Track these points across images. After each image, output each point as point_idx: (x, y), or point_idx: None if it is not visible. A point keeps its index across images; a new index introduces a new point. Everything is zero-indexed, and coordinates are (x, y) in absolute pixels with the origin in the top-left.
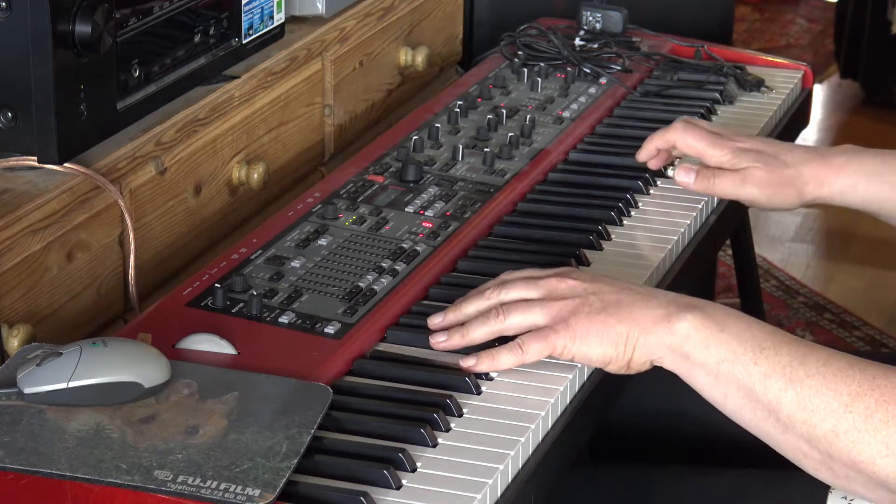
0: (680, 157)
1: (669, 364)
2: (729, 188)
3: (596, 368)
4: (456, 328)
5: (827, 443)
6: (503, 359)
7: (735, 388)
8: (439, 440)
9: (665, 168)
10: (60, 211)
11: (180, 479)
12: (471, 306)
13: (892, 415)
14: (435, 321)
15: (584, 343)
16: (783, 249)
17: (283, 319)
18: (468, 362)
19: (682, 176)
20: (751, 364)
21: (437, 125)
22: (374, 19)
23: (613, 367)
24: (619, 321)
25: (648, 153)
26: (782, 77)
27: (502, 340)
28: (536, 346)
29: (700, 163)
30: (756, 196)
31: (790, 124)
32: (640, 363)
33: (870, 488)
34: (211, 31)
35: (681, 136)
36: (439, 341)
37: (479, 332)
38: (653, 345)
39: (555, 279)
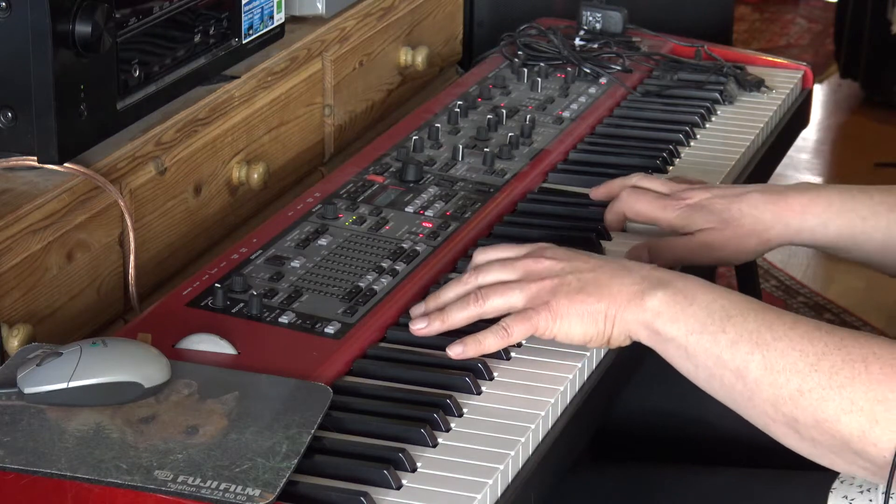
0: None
1: (644, 339)
2: (686, 256)
3: (596, 367)
4: (436, 314)
5: (793, 403)
6: (488, 342)
7: (704, 358)
8: (439, 440)
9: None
10: (60, 211)
11: (180, 479)
12: (450, 292)
13: (857, 371)
14: (417, 311)
15: (565, 322)
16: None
17: (283, 319)
18: (455, 350)
19: (636, 256)
20: (719, 332)
21: (437, 125)
22: (374, 19)
23: (594, 344)
24: (597, 299)
25: (610, 226)
26: (782, 77)
27: (484, 325)
28: (520, 328)
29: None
30: (717, 257)
31: (790, 124)
32: (618, 339)
33: (834, 450)
34: (211, 31)
35: (628, 206)
36: (419, 328)
37: (459, 316)
38: (629, 321)
39: (530, 260)
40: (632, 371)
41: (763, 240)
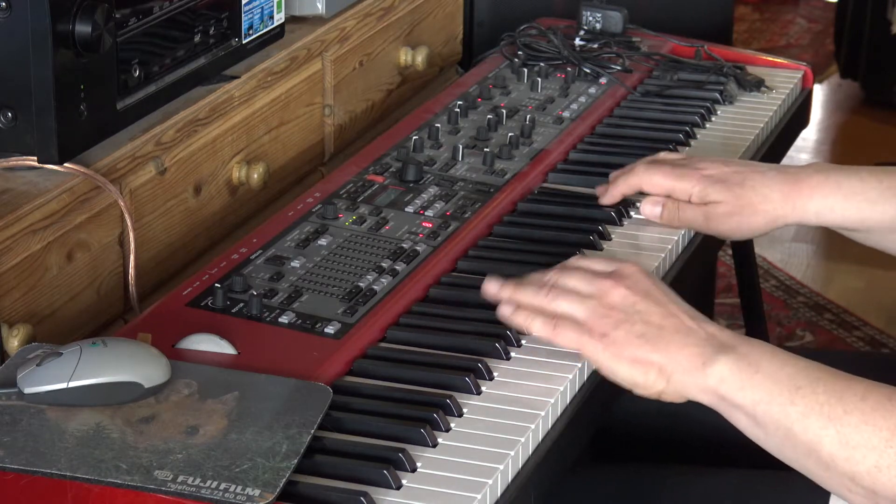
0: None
1: (708, 403)
2: (694, 223)
3: (595, 368)
4: (509, 285)
5: (871, 479)
6: (536, 325)
7: (774, 429)
8: (439, 440)
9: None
10: (60, 211)
11: (180, 479)
12: (530, 284)
13: None
14: (490, 287)
15: (614, 361)
16: (783, 249)
17: (283, 319)
18: (506, 311)
19: (649, 210)
20: (787, 405)
21: (437, 125)
22: (374, 19)
23: (640, 392)
24: (654, 350)
25: (613, 199)
26: (782, 77)
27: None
28: (568, 336)
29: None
30: (722, 231)
31: (790, 124)
32: (673, 397)
33: None
34: (211, 31)
35: (646, 178)
36: (491, 287)
37: (526, 298)
38: (687, 384)
39: (609, 282)
40: None
41: (771, 218)
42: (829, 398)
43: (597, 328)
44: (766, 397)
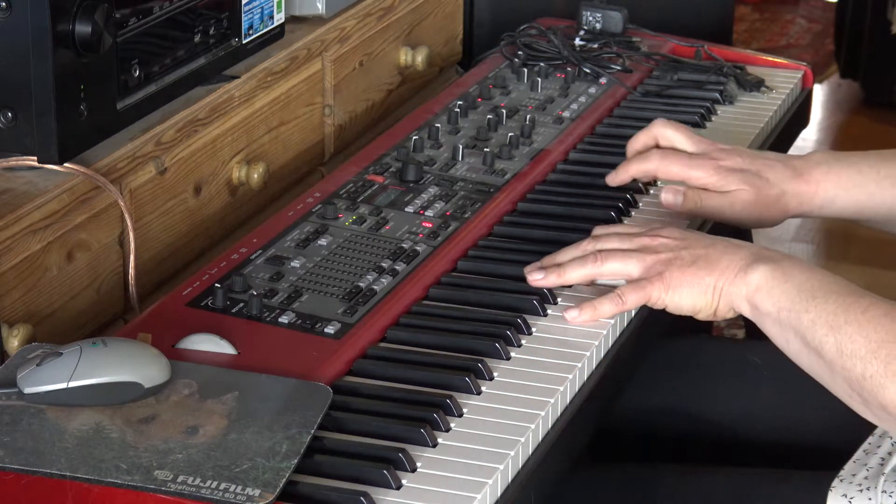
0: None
1: (746, 312)
2: (717, 211)
3: (596, 367)
4: (553, 268)
5: (859, 386)
6: (604, 308)
7: (793, 335)
8: (439, 440)
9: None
10: (60, 211)
11: (180, 479)
12: (566, 254)
13: None
14: (532, 266)
15: (676, 293)
16: (783, 249)
17: (283, 319)
18: (571, 314)
19: (670, 199)
20: (803, 312)
21: (437, 125)
22: (374, 19)
23: (702, 315)
24: (708, 272)
25: (622, 181)
26: (782, 77)
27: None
28: (634, 296)
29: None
30: (744, 218)
31: (790, 124)
32: (723, 311)
33: None
34: (211, 31)
35: (661, 166)
36: (536, 278)
37: (575, 274)
38: (734, 294)
39: (647, 237)
40: (632, 371)
41: (782, 209)
42: (837, 308)
43: (651, 273)
44: (788, 304)
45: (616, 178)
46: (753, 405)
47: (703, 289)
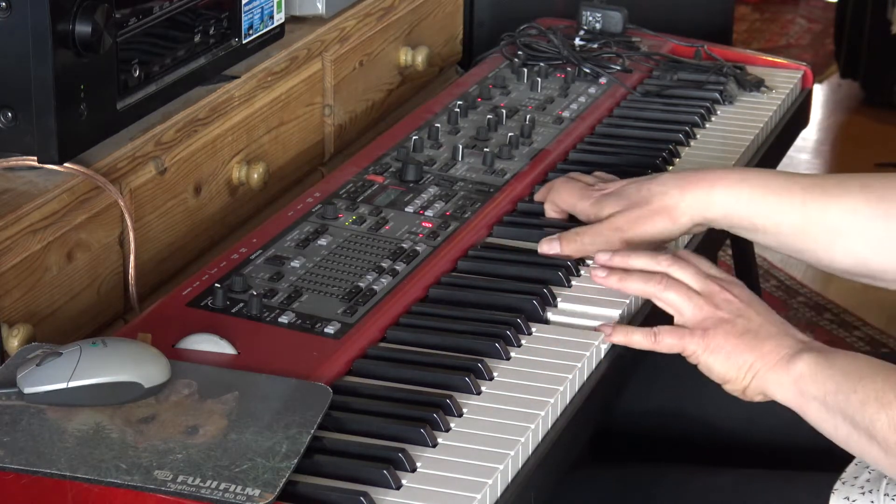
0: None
1: (785, 398)
2: (598, 243)
3: (596, 367)
4: (619, 272)
5: None
6: (636, 339)
7: (841, 419)
8: (439, 440)
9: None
10: (60, 211)
11: (180, 479)
12: (640, 260)
13: None
14: (602, 258)
15: (712, 356)
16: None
17: (283, 319)
18: (606, 330)
19: (546, 247)
20: (851, 393)
21: (437, 125)
22: (374, 19)
23: (729, 388)
24: (750, 350)
25: (549, 215)
26: (782, 77)
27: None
28: (670, 341)
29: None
30: (627, 239)
31: (790, 124)
32: (754, 393)
33: None
34: (211, 31)
35: (556, 195)
36: (599, 276)
37: (635, 287)
38: (770, 381)
39: (718, 284)
40: (632, 371)
41: (674, 217)
42: (885, 385)
43: (699, 325)
44: (835, 387)
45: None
46: (754, 407)
47: (740, 364)
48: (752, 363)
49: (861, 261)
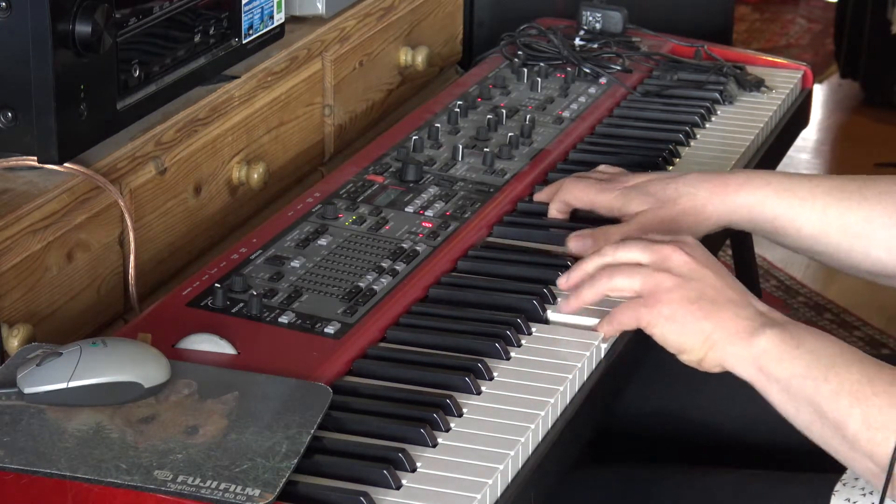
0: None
1: (744, 374)
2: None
3: (596, 367)
4: (572, 295)
5: (888, 461)
6: (603, 327)
7: (805, 404)
8: (439, 440)
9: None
10: (60, 211)
11: (180, 479)
12: (590, 265)
13: None
14: (562, 282)
15: (666, 325)
16: (783, 249)
17: (283, 319)
18: (569, 307)
19: (576, 245)
20: (821, 381)
21: (437, 125)
22: (374, 19)
23: (685, 358)
24: (706, 317)
25: (555, 218)
26: (782, 77)
27: None
28: (624, 320)
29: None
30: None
31: (790, 124)
32: (711, 365)
33: None
34: (211, 31)
35: (570, 193)
36: (571, 306)
37: (588, 297)
38: (729, 353)
39: (670, 248)
40: (632, 371)
41: (700, 218)
42: (861, 378)
43: (652, 294)
44: (803, 372)
45: (550, 217)
46: (755, 407)
47: (695, 332)
48: (710, 333)
49: (880, 264)
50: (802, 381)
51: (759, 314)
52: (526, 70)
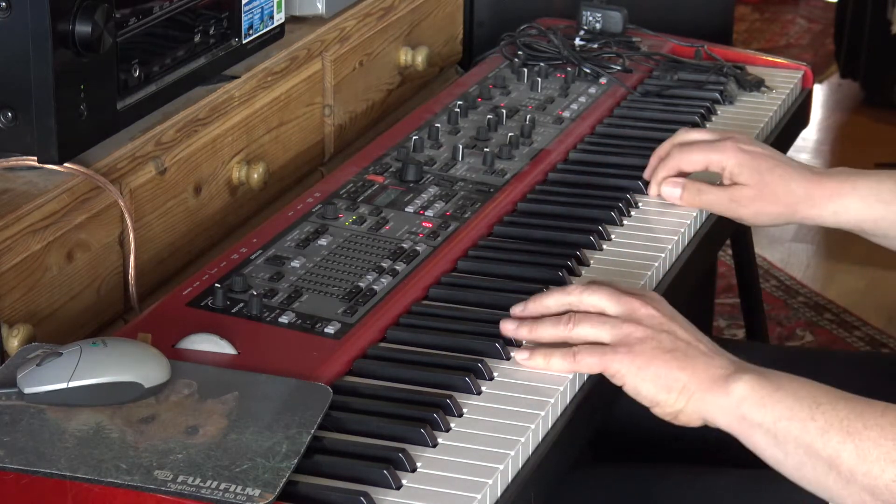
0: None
1: (724, 424)
2: (716, 205)
3: None
4: (528, 322)
5: (889, 492)
6: (555, 362)
7: (794, 446)
8: (439, 440)
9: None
10: (60, 211)
11: (180, 479)
12: (551, 299)
13: None
14: (516, 310)
15: (638, 376)
16: (783, 249)
17: (283, 319)
18: (522, 356)
19: (668, 191)
20: (808, 420)
21: (437, 125)
22: (374, 19)
23: (659, 411)
24: (680, 368)
25: (656, 193)
26: (782, 77)
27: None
28: (590, 361)
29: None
30: (742, 215)
31: (790, 124)
32: (690, 418)
33: None
34: (211, 31)
35: (684, 159)
36: (509, 328)
37: (546, 333)
38: (708, 403)
39: (639, 301)
40: None
41: (789, 211)
42: (850, 414)
43: (621, 344)
44: (787, 413)
45: (653, 192)
46: None
47: (669, 383)
48: (685, 383)
49: None
50: (788, 424)
51: (733, 363)
52: (526, 70)
